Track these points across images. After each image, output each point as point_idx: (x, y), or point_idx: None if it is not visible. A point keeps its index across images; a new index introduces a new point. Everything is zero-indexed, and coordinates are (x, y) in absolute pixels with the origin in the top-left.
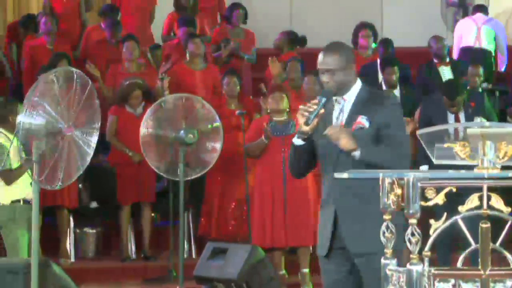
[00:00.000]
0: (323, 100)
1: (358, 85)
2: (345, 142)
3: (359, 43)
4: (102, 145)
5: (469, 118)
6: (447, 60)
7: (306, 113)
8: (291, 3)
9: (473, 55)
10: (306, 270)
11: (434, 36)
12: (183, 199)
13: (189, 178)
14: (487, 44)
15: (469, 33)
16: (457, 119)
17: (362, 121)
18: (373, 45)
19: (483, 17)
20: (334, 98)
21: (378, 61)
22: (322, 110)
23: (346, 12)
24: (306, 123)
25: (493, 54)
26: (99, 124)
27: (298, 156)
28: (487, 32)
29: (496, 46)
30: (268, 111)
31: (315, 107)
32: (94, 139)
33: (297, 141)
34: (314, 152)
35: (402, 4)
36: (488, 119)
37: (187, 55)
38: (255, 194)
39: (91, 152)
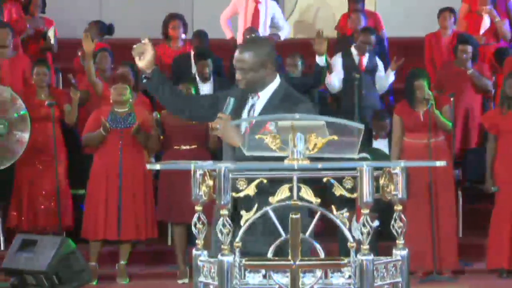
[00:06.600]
0: (231, 100)
1: (275, 83)
2: (230, 139)
3: (169, 34)
4: None
5: None
6: None
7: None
8: None
9: None
10: (123, 262)
11: (248, 28)
12: None
13: None
14: None
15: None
16: None
17: (270, 127)
18: (183, 36)
19: None
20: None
21: (192, 53)
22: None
23: (156, 3)
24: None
25: None
26: None
27: None
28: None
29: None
30: (111, 101)
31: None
32: None
33: None
34: None
35: None
36: None
37: None
38: (91, 185)
39: None
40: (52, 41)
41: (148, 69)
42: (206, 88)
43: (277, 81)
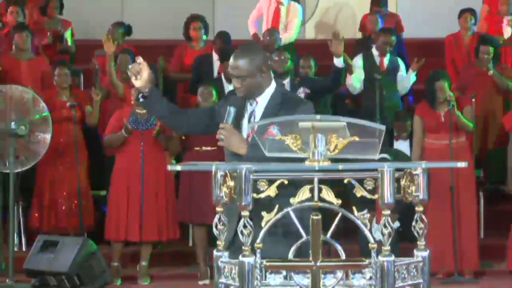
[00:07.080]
0: (232, 110)
1: (272, 87)
2: (235, 148)
3: (191, 35)
4: None
5: None
6: None
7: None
8: None
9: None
10: (145, 263)
11: (268, 30)
12: (13, 192)
13: (19, 170)
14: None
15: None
16: None
17: (273, 131)
18: (204, 37)
19: None
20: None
21: (214, 53)
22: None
23: (178, 4)
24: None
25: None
26: None
27: None
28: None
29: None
30: (132, 102)
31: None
32: None
33: None
34: None
35: None
36: None
37: (13, 46)
38: (113, 187)
39: None
40: (69, 43)
41: (145, 88)
42: (231, 88)
43: (273, 85)
